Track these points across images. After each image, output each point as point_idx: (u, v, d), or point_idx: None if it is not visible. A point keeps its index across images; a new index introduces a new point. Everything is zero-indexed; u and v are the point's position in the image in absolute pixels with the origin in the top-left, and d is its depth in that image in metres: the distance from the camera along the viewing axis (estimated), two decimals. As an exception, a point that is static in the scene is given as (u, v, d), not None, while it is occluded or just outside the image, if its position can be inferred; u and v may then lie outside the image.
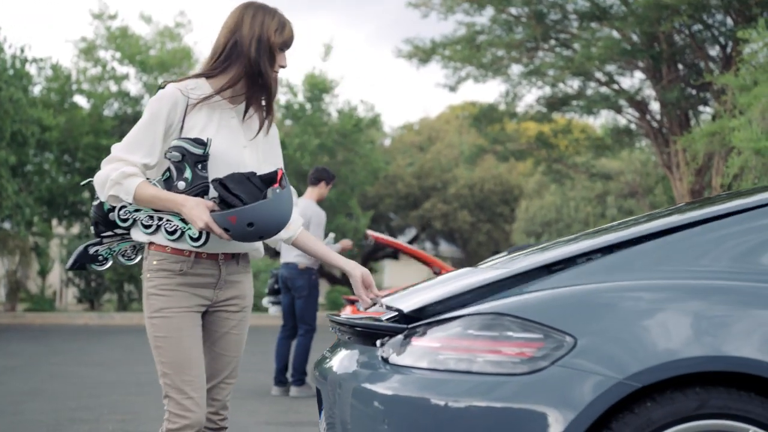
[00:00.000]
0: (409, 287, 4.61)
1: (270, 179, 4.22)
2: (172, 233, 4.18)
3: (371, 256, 40.86)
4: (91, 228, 4.36)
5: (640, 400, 3.37)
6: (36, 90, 29.44)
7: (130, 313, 26.11)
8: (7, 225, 26.58)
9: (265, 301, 11.85)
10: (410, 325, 3.71)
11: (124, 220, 4.23)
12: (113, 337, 19.80)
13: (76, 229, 32.47)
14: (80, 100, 31.54)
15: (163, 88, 4.28)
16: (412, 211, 40.78)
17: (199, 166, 4.17)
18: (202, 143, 4.16)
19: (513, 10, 24.20)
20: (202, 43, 73.08)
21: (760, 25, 15.11)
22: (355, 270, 4.40)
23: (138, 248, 4.47)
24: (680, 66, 23.80)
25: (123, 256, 4.42)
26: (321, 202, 11.28)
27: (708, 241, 3.80)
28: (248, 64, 4.27)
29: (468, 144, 36.22)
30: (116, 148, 4.18)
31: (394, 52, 25.80)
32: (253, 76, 4.29)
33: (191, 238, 4.17)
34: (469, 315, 3.59)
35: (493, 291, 3.78)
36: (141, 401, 9.98)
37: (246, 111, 4.36)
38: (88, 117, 30.49)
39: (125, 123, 31.01)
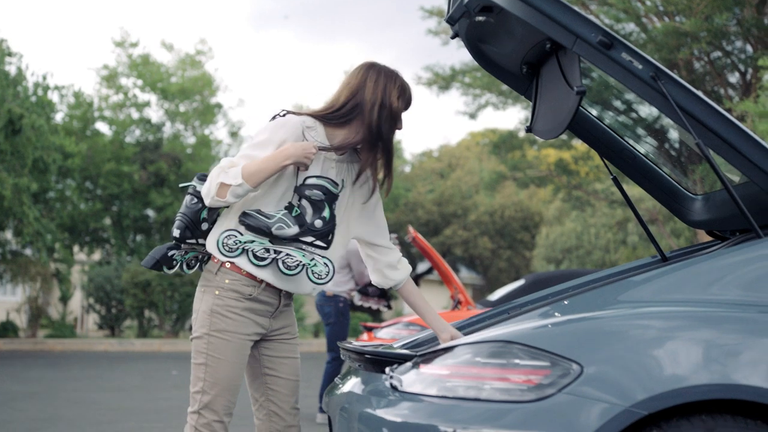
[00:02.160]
0: None
1: None
2: (293, 268, 4.26)
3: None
4: (175, 231, 4.34)
5: (647, 428, 3.37)
6: (58, 117, 29.64)
7: (150, 339, 26.15)
8: (28, 251, 26.73)
9: None
10: (419, 353, 3.74)
11: (232, 250, 4.26)
12: (133, 364, 19.84)
13: (97, 256, 32.64)
14: (102, 127, 31.81)
15: (282, 116, 4.33)
16: (432, 238, 40.74)
17: (334, 206, 4.33)
18: (336, 184, 4.32)
19: (532, 38, 24.24)
20: (223, 70, 73.81)
21: (779, 52, 15.12)
22: (444, 333, 4.43)
23: (201, 260, 4.50)
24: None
25: (187, 265, 4.45)
26: None
27: (727, 269, 3.81)
28: (369, 128, 4.32)
29: (488, 171, 36.25)
30: (228, 158, 4.22)
31: (414, 79, 25.88)
32: (373, 140, 4.34)
33: (316, 275, 4.30)
34: (477, 343, 3.61)
35: None
36: (159, 428, 9.99)
37: (360, 174, 4.42)
38: (109, 144, 30.72)
39: (146, 150, 31.22)
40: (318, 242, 4.34)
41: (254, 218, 4.16)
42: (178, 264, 4.41)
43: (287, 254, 4.26)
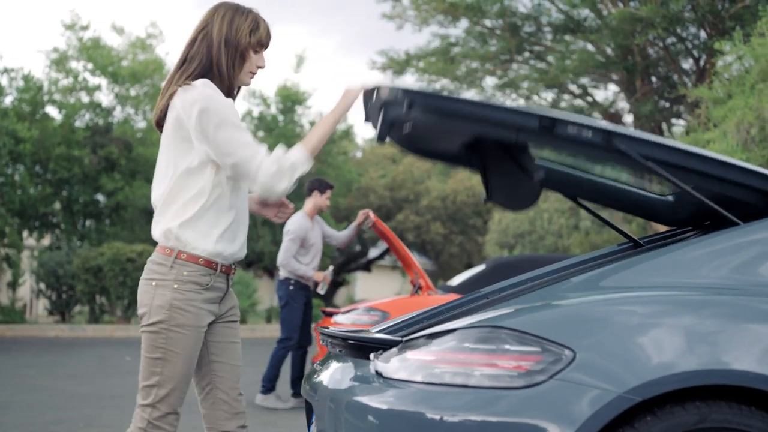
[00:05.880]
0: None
1: None
2: None
3: (344, 267, 40.80)
4: None
5: (640, 415, 3.33)
6: (7, 101, 29.31)
7: (102, 325, 25.92)
8: (-24, 236, 26.44)
9: None
10: (405, 338, 3.66)
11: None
12: (85, 350, 19.66)
13: (46, 241, 32.33)
14: (52, 111, 31.44)
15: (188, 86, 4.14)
16: (384, 223, 40.65)
17: None
18: None
19: (487, 22, 24.25)
20: (174, 54, 73.22)
21: (736, 37, 15.17)
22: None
23: None
24: (653, 79, 23.87)
25: None
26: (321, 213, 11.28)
27: (708, 254, 3.77)
28: (216, 69, 4.18)
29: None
30: (249, 146, 4.08)
31: (369, 63, 25.76)
32: (222, 82, 4.20)
33: None
34: (465, 328, 3.53)
35: None
36: (116, 414, 9.88)
37: None
38: (59, 128, 30.39)
39: (97, 134, 30.93)
40: None
41: None
42: None
43: None
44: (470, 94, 29.59)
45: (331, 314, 11.64)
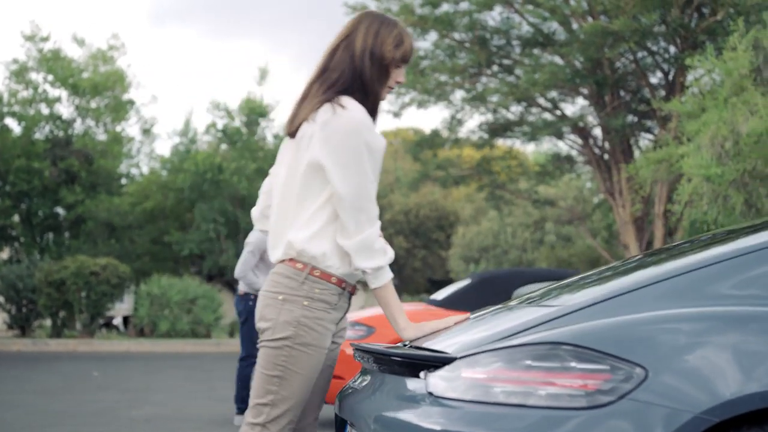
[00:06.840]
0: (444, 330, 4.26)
1: None
2: None
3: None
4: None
5: (715, 437, 3.14)
6: (-34, 112, 29.14)
7: (65, 339, 25.58)
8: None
9: None
10: (459, 355, 3.46)
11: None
12: (50, 365, 19.37)
13: (5, 254, 32.01)
14: (11, 123, 31.23)
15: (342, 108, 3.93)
16: (346, 237, 40.48)
17: None
18: None
19: (456, 36, 24.13)
20: (135, 66, 72.92)
21: (709, 51, 15.12)
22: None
23: None
24: (622, 92, 23.84)
25: None
26: None
27: None
28: (357, 78, 4.00)
29: (404, 170, 36.01)
30: (369, 198, 4.04)
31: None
32: (362, 93, 4.02)
33: None
34: (523, 345, 3.33)
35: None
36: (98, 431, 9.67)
37: None
38: (19, 140, 30.19)
39: (57, 146, 30.73)
40: None
41: None
42: None
43: None
44: (437, 108, 29.43)
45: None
